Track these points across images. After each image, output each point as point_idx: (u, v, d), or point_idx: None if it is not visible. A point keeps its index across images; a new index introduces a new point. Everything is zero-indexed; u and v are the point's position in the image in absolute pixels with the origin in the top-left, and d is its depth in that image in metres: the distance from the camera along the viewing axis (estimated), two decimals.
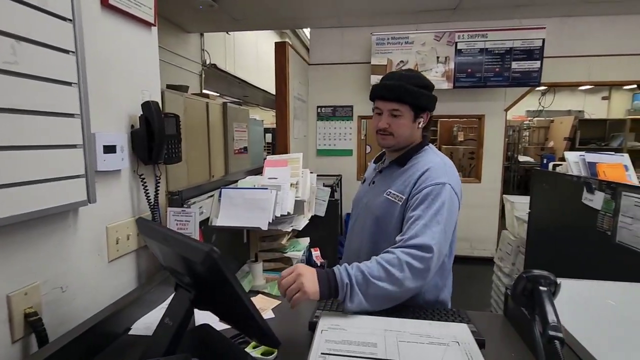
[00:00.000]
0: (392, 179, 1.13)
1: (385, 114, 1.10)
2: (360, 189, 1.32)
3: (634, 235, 1.35)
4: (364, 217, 1.18)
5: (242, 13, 3.63)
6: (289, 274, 0.90)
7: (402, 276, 0.89)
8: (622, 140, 6.34)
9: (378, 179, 1.20)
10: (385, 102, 1.10)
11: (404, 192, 1.07)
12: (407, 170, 1.11)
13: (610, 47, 3.63)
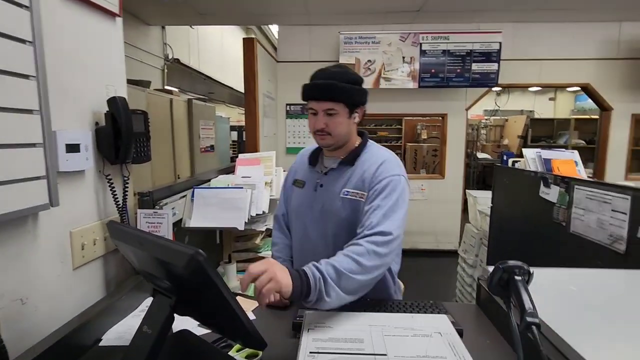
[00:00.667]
0: (344, 178, 1.12)
1: (321, 114, 1.07)
2: (302, 195, 1.20)
3: (586, 226, 1.47)
4: (323, 222, 1.13)
5: (208, 8, 3.51)
6: (261, 263, 0.84)
7: (370, 265, 0.92)
8: (568, 137, 6.89)
9: (327, 181, 1.15)
10: (319, 102, 1.07)
11: (364, 188, 1.08)
12: (359, 167, 1.12)
13: (559, 51, 3.92)
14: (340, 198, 1.10)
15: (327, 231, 1.12)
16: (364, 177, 1.09)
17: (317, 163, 1.20)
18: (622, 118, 3.98)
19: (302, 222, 1.19)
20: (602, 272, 1.05)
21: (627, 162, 4.04)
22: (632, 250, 1.25)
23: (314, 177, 1.18)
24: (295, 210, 1.22)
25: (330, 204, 1.12)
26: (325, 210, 1.12)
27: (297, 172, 1.26)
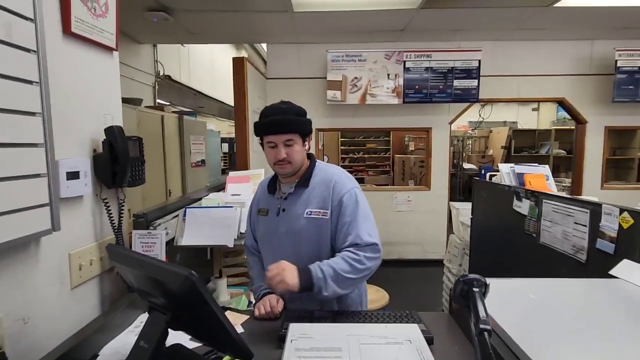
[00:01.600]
0: (303, 200, 1.23)
1: (281, 146, 1.17)
2: (267, 221, 1.28)
3: (553, 237, 1.59)
4: (292, 244, 1.22)
5: (198, 27, 3.62)
6: (275, 268, 1.09)
7: (362, 267, 1.14)
8: (549, 147, 7.14)
9: (287, 205, 1.24)
10: (278, 136, 1.18)
11: (326, 207, 1.20)
12: (315, 188, 1.23)
13: (536, 68, 4.12)
14: (304, 218, 1.21)
15: (297, 251, 1.21)
16: (324, 196, 1.21)
17: (275, 190, 1.29)
18: (596, 130, 4.19)
19: (270, 247, 1.28)
20: (561, 281, 1.16)
21: (602, 172, 4.23)
22: (591, 259, 1.36)
23: (275, 203, 1.27)
24: (262, 236, 1.31)
25: (294, 225, 1.22)
26: (291, 231, 1.22)
27: (259, 202, 1.34)
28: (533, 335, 0.83)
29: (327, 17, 3.31)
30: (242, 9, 3.12)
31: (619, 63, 3.79)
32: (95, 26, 1.10)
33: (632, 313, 0.96)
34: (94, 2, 1.09)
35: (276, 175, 1.30)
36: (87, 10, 1.06)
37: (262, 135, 1.22)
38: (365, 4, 3.03)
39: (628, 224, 1.20)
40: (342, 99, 3.91)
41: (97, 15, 1.10)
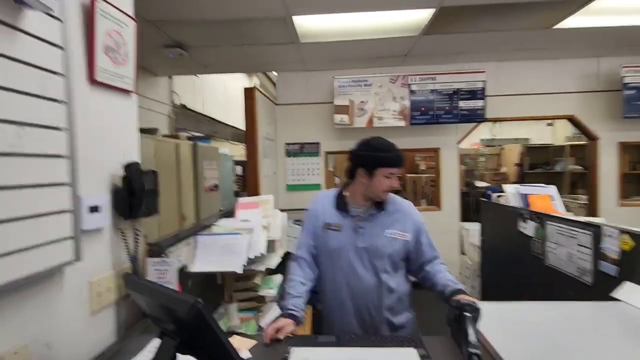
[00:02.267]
0: (382, 222, 1.45)
1: (395, 177, 1.41)
2: (341, 237, 1.45)
3: (558, 258, 1.58)
4: (368, 258, 1.43)
5: (211, 60, 3.84)
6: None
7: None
8: (564, 164, 7.02)
9: (367, 225, 1.44)
10: (397, 168, 1.41)
11: (405, 230, 1.45)
12: (393, 213, 1.47)
13: (542, 86, 4.15)
14: (385, 237, 1.43)
15: (374, 264, 1.43)
16: (404, 221, 1.47)
17: (345, 208, 1.47)
18: (610, 146, 4.14)
19: (347, 259, 1.44)
20: (563, 304, 1.16)
21: (618, 188, 4.14)
22: (597, 282, 1.36)
23: (349, 221, 1.46)
24: (335, 250, 1.46)
25: (376, 242, 1.43)
26: (371, 247, 1.42)
27: (324, 216, 1.50)
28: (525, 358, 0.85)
29: (332, 47, 3.46)
30: (251, 42, 3.30)
31: (626, 79, 3.79)
32: (117, 73, 1.22)
33: (631, 337, 0.97)
34: (116, 52, 1.21)
35: (341, 195, 1.49)
36: (110, 60, 1.18)
37: (384, 167, 1.39)
38: (369, 33, 3.17)
39: (629, 245, 1.21)
40: (349, 123, 4.02)
41: (118, 64, 1.23)
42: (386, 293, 1.44)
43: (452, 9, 2.67)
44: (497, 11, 2.74)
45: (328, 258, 1.47)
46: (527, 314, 1.10)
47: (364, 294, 1.43)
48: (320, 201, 1.54)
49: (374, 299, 1.43)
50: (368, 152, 1.41)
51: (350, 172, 1.48)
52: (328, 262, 1.48)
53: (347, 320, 1.45)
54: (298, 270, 1.50)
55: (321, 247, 1.49)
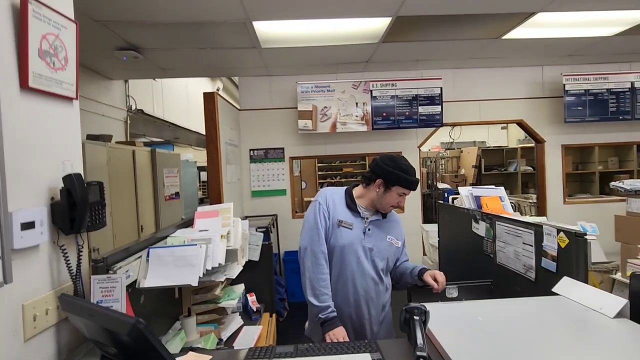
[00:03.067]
0: (384, 227, 1.61)
1: (404, 198, 1.57)
2: (352, 235, 1.55)
3: (507, 257, 1.68)
4: (372, 256, 1.57)
5: (169, 63, 3.71)
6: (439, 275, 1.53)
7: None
8: (517, 165, 7.48)
9: (372, 228, 1.58)
10: (410, 191, 1.56)
11: (398, 238, 1.65)
12: (390, 221, 1.65)
13: (494, 92, 4.40)
14: (386, 242, 1.60)
15: (374, 264, 1.58)
16: (398, 230, 1.67)
17: (355, 209, 1.58)
18: (554, 148, 4.46)
19: (355, 256, 1.55)
20: (508, 301, 1.23)
21: (563, 187, 4.47)
22: (540, 278, 1.45)
23: (359, 222, 1.58)
24: (346, 245, 1.55)
25: (379, 244, 1.58)
26: (376, 249, 1.57)
27: (336, 212, 1.58)
28: (472, 357, 0.89)
29: (294, 52, 3.47)
30: (212, 46, 3.23)
31: (567, 87, 4.11)
32: (54, 79, 1.14)
33: (570, 329, 1.04)
34: (54, 57, 1.13)
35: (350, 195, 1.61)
36: (46, 65, 1.11)
37: (402, 187, 1.52)
38: (330, 40, 3.21)
39: (565, 243, 1.30)
40: (313, 128, 4.04)
41: (57, 69, 1.15)
42: (383, 291, 1.61)
43: (408, 19, 2.77)
44: (450, 21, 2.87)
45: (338, 253, 1.55)
46: (476, 313, 1.15)
47: (366, 291, 1.55)
48: (330, 197, 1.61)
49: (374, 297, 1.57)
50: (394, 170, 1.52)
51: (368, 179, 1.59)
52: (337, 258, 1.55)
53: (347, 314, 1.56)
54: (324, 264, 1.53)
55: (331, 242, 1.55)
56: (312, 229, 1.56)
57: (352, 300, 1.56)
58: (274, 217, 4.16)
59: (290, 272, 4.05)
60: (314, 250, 1.53)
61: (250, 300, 2.21)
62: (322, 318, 1.45)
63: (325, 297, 1.48)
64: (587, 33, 3.30)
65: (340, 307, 1.55)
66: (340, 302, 1.55)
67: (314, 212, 1.58)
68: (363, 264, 1.55)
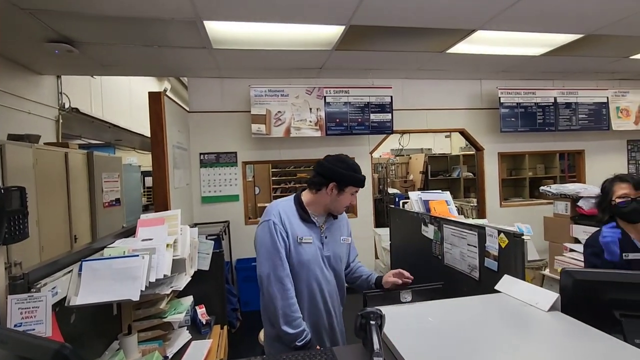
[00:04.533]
0: (336, 229, 1.60)
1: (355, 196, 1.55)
2: (312, 248, 1.50)
3: (454, 258, 1.76)
4: (334, 264, 1.57)
5: (111, 60, 3.44)
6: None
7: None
8: (459, 171, 8.01)
9: (328, 234, 1.56)
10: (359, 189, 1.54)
11: (348, 234, 1.67)
12: (340, 220, 1.63)
13: (439, 102, 4.68)
14: (341, 243, 1.60)
15: (337, 270, 1.59)
16: (347, 227, 1.68)
17: (310, 220, 1.52)
18: (492, 156, 4.84)
19: (319, 267, 1.52)
20: (456, 300, 1.28)
21: (499, 192, 4.86)
22: (483, 277, 1.54)
23: (316, 231, 1.53)
24: (307, 261, 1.49)
25: (337, 249, 1.58)
26: (335, 255, 1.57)
27: (293, 228, 1.48)
28: (426, 358, 0.90)
29: (247, 55, 3.40)
30: (158, 44, 3.05)
31: (501, 99, 4.49)
32: None
33: (510, 324, 1.11)
34: None
35: (302, 205, 1.53)
36: None
37: (354, 186, 1.50)
38: (284, 44, 3.19)
39: (505, 243, 1.39)
40: (267, 133, 3.97)
41: None
42: (344, 293, 1.64)
43: (360, 28, 2.84)
44: (399, 34, 3.00)
45: (303, 269, 1.49)
46: (427, 313, 1.18)
47: (331, 297, 1.55)
48: (284, 213, 1.49)
49: (337, 301, 1.60)
50: (345, 171, 1.47)
51: (318, 184, 1.50)
52: (303, 273, 1.49)
53: (323, 326, 1.53)
54: (290, 287, 1.43)
55: (293, 261, 1.46)
56: (272, 253, 1.42)
57: (324, 310, 1.53)
58: (226, 224, 4.01)
59: (243, 280, 3.92)
60: (279, 276, 1.41)
61: (199, 312, 2.09)
62: (300, 345, 1.37)
63: (298, 322, 1.40)
64: (519, 52, 3.65)
65: (317, 322, 1.51)
66: (314, 316, 1.51)
67: (270, 234, 1.43)
68: (326, 272, 1.54)
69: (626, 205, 1.53)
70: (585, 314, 1.09)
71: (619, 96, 4.74)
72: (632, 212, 1.54)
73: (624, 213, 1.55)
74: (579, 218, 2.41)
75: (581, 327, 1.03)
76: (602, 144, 5.06)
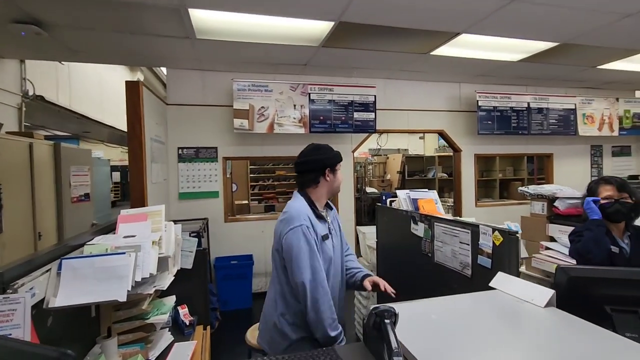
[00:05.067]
0: (333, 218, 1.62)
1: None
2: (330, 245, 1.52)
3: (445, 256, 1.78)
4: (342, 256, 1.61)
5: (81, 45, 3.22)
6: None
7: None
8: (435, 171, 8.22)
9: (333, 225, 1.58)
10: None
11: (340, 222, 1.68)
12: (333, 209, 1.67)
13: (420, 104, 4.76)
14: (338, 232, 1.62)
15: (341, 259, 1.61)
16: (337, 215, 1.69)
17: (322, 216, 1.54)
18: (469, 157, 4.99)
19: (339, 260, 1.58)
20: (453, 298, 1.29)
21: (475, 192, 5.02)
22: (475, 274, 1.56)
23: (327, 225, 1.55)
24: (331, 258, 1.51)
25: (342, 240, 1.63)
26: (342, 246, 1.62)
27: (317, 229, 1.47)
28: (438, 354, 0.90)
29: (232, 47, 3.30)
30: (135, 31, 2.89)
31: (479, 103, 4.64)
32: None
33: (505, 319, 1.13)
34: None
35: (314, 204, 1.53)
36: None
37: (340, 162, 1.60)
38: (270, 38, 3.12)
39: (499, 241, 1.42)
40: (249, 128, 3.88)
41: None
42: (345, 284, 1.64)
43: (349, 25, 2.83)
44: (387, 33, 3.01)
45: (330, 267, 1.50)
46: (427, 311, 1.18)
47: (342, 290, 1.59)
48: (307, 215, 1.48)
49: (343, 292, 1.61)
50: (329, 154, 1.59)
51: (314, 179, 1.54)
52: (330, 270, 1.51)
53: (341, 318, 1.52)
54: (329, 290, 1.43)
55: (322, 258, 1.47)
56: (312, 258, 1.40)
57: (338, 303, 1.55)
58: (205, 221, 3.88)
59: (222, 279, 3.81)
60: (321, 280, 1.40)
61: (182, 313, 2.00)
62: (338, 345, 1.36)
63: (337, 322, 1.42)
64: (498, 57, 3.77)
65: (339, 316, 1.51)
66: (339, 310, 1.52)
67: (306, 239, 1.41)
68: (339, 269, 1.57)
69: (610, 206, 1.63)
70: (579, 309, 1.13)
71: (585, 104, 5.03)
72: (616, 212, 1.64)
73: (609, 213, 1.65)
74: (555, 218, 2.51)
75: (578, 322, 1.07)
76: (569, 148, 5.36)
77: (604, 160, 5.58)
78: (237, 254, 4.08)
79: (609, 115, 5.13)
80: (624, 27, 2.98)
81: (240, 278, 3.80)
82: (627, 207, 1.65)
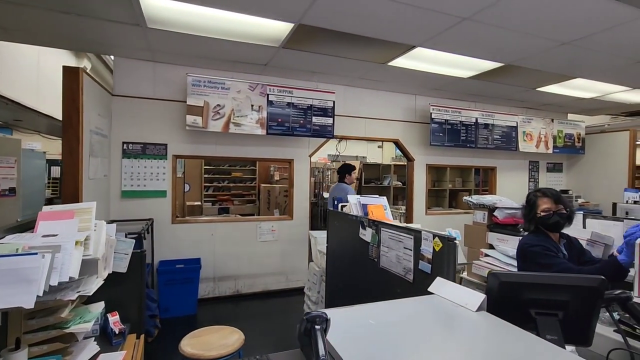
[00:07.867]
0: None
1: None
2: None
3: (390, 261, 1.81)
4: None
5: (14, 23, 2.91)
6: None
7: None
8: (390, 179, 8.47)
9: None
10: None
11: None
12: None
13: (377, 112, 4.88)
14: None
15: None
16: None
17: None
18: (421, 167, 5.19)
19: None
20: (394, 302, 1.30)
21: (426, 200, 5.23)
22: (417, 279, 1.59)
23: None
24: None
25: None
26: None
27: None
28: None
29: (187, 40, 3.15)
30: (80, 12, 2.66)
31: (432, 115, 4.85)
32: None
33: (442, 323, 1.15)
34: None
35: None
36: None
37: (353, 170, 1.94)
38: (229, 34, 3.02)
39: (439, 246, 1.46)
40: (203, 126, 3.72)
41: None
42: None
43: (310, 28, 2.82)
44: (347, 40, 3.05)
45: None
46: (366, 315, 1.17)
47: None
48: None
49: None
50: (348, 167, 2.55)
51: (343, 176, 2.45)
52: None
53: None
54: None
55: None
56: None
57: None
58: (149, 222, 3.65)
59: (165, 284, 3.59)
60: None
61: (111, 320, 1.83)
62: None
63: None
64: (450, 72, 3.97)
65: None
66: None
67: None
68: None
69: (549, 218, 1.78)
70: (508, 312, 1.18)
71: (525, 122, 5.46)
72: (555, 223, 1.81)
73: (549, 224, 1.82)
74: (494, 226, 2.67)
75: (503, 325, 1.11)
76: (510, 163, 5.77)
77: (540, 175, 6.08)
78: (183, 257, 3.87)
79: (545, 134, 5.61)
80: (559, 54, 3.27)
81: (185, 283, 3.61)
82: (563, 217, 1.81)
